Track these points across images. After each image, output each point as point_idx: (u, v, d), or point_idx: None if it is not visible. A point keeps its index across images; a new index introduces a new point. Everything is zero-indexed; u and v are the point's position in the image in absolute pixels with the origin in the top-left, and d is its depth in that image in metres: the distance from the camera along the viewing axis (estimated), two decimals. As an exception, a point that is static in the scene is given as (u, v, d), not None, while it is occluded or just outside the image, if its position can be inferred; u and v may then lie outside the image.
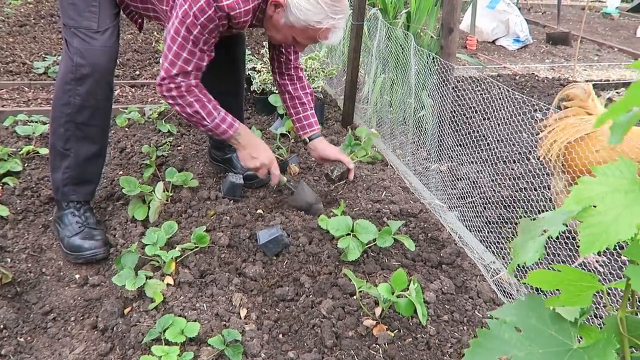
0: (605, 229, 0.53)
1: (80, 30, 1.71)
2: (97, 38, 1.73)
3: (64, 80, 1.75)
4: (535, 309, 0.65)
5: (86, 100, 1.76)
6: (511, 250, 0.72)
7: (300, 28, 1.71)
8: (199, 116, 1.81)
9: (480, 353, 0.62)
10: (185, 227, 1.95)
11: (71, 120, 1.78)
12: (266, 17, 1.76)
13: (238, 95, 2.35)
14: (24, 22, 4.74)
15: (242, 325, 1.53)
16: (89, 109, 1.78)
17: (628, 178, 0.58)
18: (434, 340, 1.52)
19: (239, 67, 2.31)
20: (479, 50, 5.78)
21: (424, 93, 2.81)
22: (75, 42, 1.72)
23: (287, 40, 1.81)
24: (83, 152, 1.83)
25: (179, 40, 1.68)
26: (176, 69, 1.71)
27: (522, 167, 2.84)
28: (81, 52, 1.71)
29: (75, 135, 1.80)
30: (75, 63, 1.71)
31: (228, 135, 1.89)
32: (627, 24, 8.14)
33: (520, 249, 0.66)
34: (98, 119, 1.83)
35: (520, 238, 0.70)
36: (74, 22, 1.72)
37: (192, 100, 1.78)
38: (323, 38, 1.75)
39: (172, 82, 1.73)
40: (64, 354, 1.45)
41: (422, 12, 3.09)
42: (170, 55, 1.70)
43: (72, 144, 1.81)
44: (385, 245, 1.80)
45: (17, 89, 3.36)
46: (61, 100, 1.77)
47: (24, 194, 2.14)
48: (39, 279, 1.74)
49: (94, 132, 1.84)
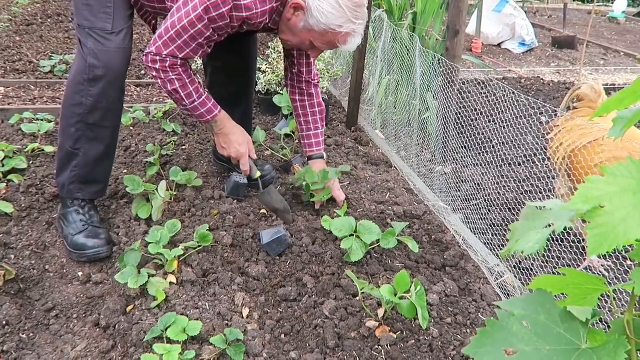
0: (613, 229, 0.52)
1: (94, 31, 1.71)
2: (112, 39, 1.72)
3: (76, 81, 1.75)
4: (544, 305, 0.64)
5: (99, 101, 1.75)
6: (509, 233, 0.71)
7: (320, 32, 1.70)
8: (177, 95, 1.78)
9: (487, 343, 0.61)
10: (188, 226, 1.95)
11: (82, 121, 1.78)
12: (283, 20, 1.75)
13: (248, 96, 2.35)
14: (31, 21, 4.76)
15: (244, 325, 1.52)
16: (101, 110, 1.78)
17: (637, 178, 0.57)
18: (436, 343, 1.52)
19: (250, 69, 2.31)
20: (484, 54, 5.77)
21: (429, 95, 2.81)
22: (89, 43, 1.71)
23: (303, 44, 1.80)
24: (92, 152, 1.83)
25: (181, 26, 1.65)
26: (167, 51, 1.69)
27: (527, 169, 2.83)
28: (95, 53, 1.71)
29: (86, 136, 1.80)
30: (89, 64, 1.71)
31: (205, 120, 1.87)
32: (633, 29, 8.11)
33: (520, 236, 0.65)
34: (109, 120, 1.83)
35: (522, 223, 0.69)
36: (89, 23, 1.71)
37: (174, 77, 1.74)
38: (342, 43, 1.74)
39: (158, 55, 1.70)
40: (66, 351, 1.45)
41: (428, 14, 3.08)
42: (166, 37, 1.67)
43: (82, 144, 1.81)
44: (389, 246, 1.79)
45: (24, 87, 3.38)
46: (73, 100, 1.76)
47: (28, 192, 2.15)
48: (42, 276, 1.74)
49: (104, 133, 1.84)
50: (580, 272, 0.70)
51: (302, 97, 2.14)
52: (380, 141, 3.01)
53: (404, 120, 3.02)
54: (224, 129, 1.92)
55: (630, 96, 0.56)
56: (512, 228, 0.71)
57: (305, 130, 2.17)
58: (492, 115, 3.27)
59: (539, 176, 2.68)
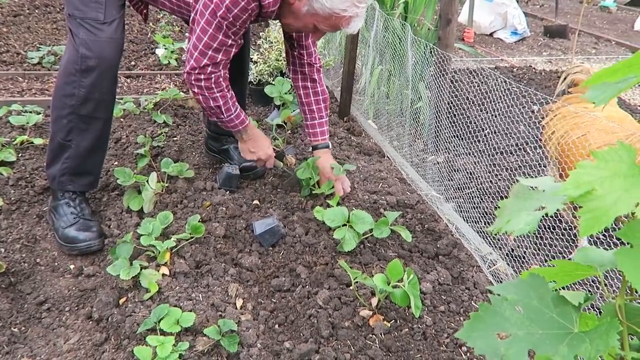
0: (605, 212, 0.52)
1: (86, 21, 1.69)
2: (104, 29, 1.70)
3: (68, 71, 1.72)
4: (537, 289, 0.64)
5: (91, 92, 1.74)
6: (497, 210, 0.71)
7: (324, 16, 1.70)
8: (218, 110, 1.86)
9: (479, 327, 0.61)
10: (181, 218, 1.94)
11: (74, 112, 1.76)
12: (286, 5, 1.75)
13: (242, 84, 2.34)
14: (18, 12, 4.68)
15: (238, 316, 1.52)
16: (93, 101, 1.76)
17: (627, 163, 0.57)
18: (430, 331, 1.52)
19: (244, 57, 2.29)
20: (476, 43, 5.76)
21: (422, 84, 2.80)
22: (81, 33, 1.69)
23: (306, 28, 1.80)
24: (84, 144, 1.81)
25: (210, 31, 1.69)
26: (207, 59, 1.74)
27: (519, 158, 2.84)
28: (87, 44, 1.69)
29: (78, 127, 1.78)
30: (81, 54, 1.69)
31: (236, 130, 1.97)
32: (624, 17, 8.13)
33: (511, 216, 0.65)
34: (102, 111, 1.81)
35: (512, 201, 0.69)
36: (80, 13, 1.69)
37: (218, 95, 1.82)
38: (346, 25, 1.75)
39: (203, 72, 1.76)
40: (59, 344, 1.45)
41: (420, 2, 3.07)
42: (201, 46, 1.72)
43: (74, 136, 1.79)
44: (382, 236, 1.80)
45: (11, 79, 3.33)
46: (64, 91, 1.74)
47: (18, 184, 2.13)
48: (33, 269, 1.73)
49: (97, 125, 1.82)
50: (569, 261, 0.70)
51: (305, 84, 2.13)
52: (372, 131, 3.01)
53: (396, 110, 3.01)
54: (252, 135, 2.03)
55: (624, 69, 0.56)
56: (501, 205, 0.70)
57: (310, 120, 2.16)
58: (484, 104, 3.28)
59: (530, 164, 2.69)
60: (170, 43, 4.00)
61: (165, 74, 3.64)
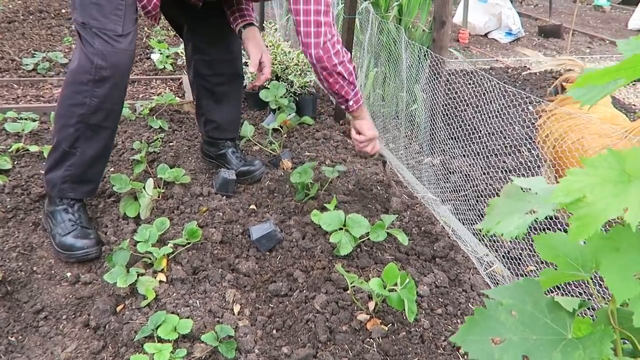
0: (594, 219, 0.52)
1: (104, 32, 1.67)
2: (121, 41, 1.69)
3: (78, 81, 1.70)
4: (532, 294, 0.65)
5: (103, 102, 1.73)
6: (487, 207, 0.71)
7: None
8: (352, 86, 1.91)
9: (474, 331, 0.62)
10: (177, 224, 1.93)
11: (83, 121, 1.74)
12: None
13: (237, 89, 2.34)
14: (12, 18, 4.68)
15: (235, 321, 1.52)
16: (104, 111, 1.75)
17: (616, 169, 0.57)
18: (427, 334, 1.53)
19: (238, 61, 2.29)
20: (471, 44, 5.78)
21: (417, 87, 2.81)
22: (96, 43, 1.67)
23: None
24: (90, 152, 1.80)
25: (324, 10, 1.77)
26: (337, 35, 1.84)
27: (515, 160, 2.84)
28: (103, 54, 1.67)
29: (85, 136, 1.77)
30: (95, 65, 1.67)
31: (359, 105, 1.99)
32: (618, 17, 8.17)
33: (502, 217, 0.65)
34: (111, 120, 1.81)
35: (503, 201, 0.69)
36: (98, 23, 1.67)
37: (351, 68, 1.90)
38: None
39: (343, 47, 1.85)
40: (56, 352, 1.44)
41: (414, 5, 3.08)
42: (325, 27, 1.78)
43: (80, 144, 1.78)
44: (378, 239, 1.80)
45: (6, 86, 3.33)
46: (73, 100, 1.72)
47: (13, 192, 2.12)
48: (29, 277, 1.72)
49: (104, 134, 1.81)
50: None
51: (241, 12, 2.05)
52: (368, 134, 3.00)
53: (392, 112, 3.02)
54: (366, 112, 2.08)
55: (613, 73, 0.56)
56: (491, 204, 0.70)
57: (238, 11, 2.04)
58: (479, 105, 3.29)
59: (525, 166, 2.70)
60: (166, 48, 4.00)
61: (161, 78, 3.63)
